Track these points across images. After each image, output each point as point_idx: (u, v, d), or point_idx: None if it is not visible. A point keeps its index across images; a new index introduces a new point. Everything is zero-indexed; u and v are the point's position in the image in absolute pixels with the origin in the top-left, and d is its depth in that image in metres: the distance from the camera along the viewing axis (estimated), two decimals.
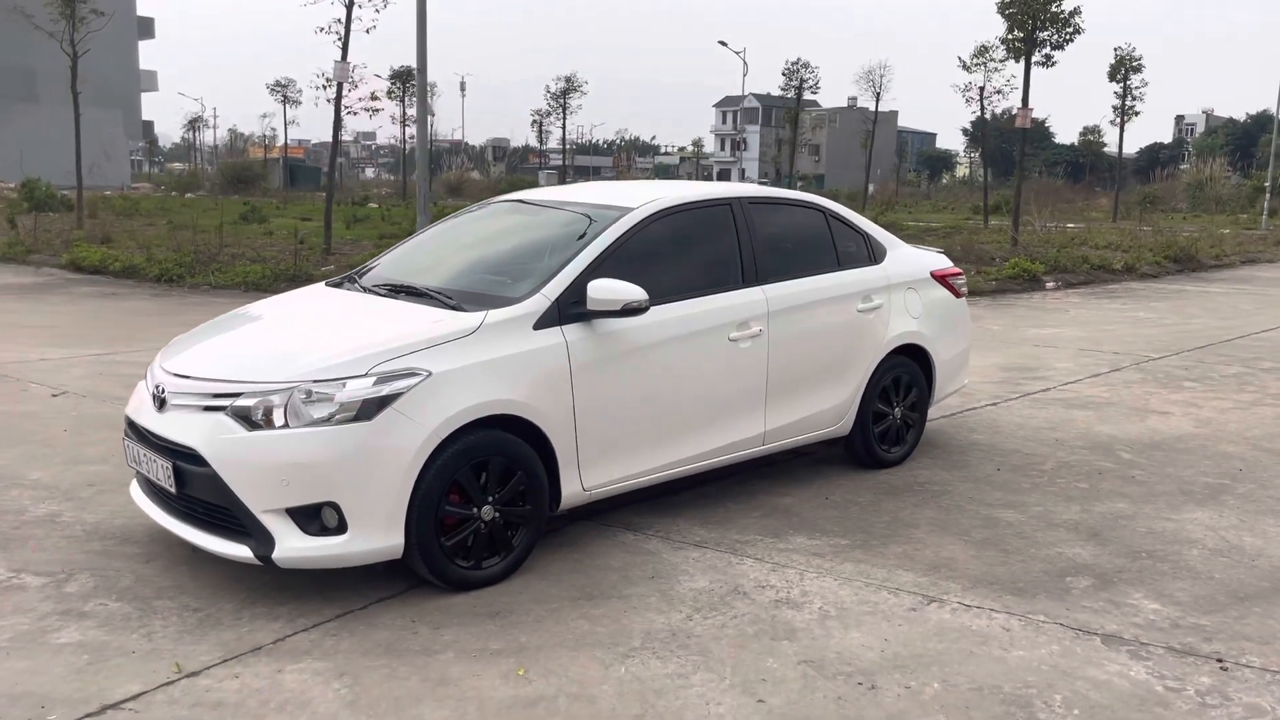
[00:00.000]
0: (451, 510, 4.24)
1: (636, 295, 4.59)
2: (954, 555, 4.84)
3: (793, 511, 5.43)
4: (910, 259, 6.38)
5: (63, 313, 12.52)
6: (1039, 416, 7.67)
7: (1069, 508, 5.55)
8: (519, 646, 3.88)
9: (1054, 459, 6.50)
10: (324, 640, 3.89)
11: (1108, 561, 4.79)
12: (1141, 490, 5.89)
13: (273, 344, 4.55)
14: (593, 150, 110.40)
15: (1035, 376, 9.25)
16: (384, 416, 4.03)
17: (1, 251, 19.22)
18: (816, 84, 37.61)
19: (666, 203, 5.23)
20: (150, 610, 4.12)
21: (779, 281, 5.48)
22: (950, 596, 4.37)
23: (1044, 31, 21.23)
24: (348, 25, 19.50)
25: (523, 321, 4.50)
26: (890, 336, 6.03)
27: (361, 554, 4.07)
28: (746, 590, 4.41)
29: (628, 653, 3.83)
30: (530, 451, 4.46)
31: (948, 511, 5.46)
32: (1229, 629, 4.09)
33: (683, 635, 3.99)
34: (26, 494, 5.45)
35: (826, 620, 4.13)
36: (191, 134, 78.59)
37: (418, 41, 15.36)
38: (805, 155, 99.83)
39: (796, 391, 5.56)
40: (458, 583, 4.30)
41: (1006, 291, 16.46)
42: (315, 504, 4.00)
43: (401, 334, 4.32)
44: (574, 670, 3.69)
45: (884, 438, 6.18)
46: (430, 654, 3.80)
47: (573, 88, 42.95)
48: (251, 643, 3.86)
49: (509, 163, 78.09)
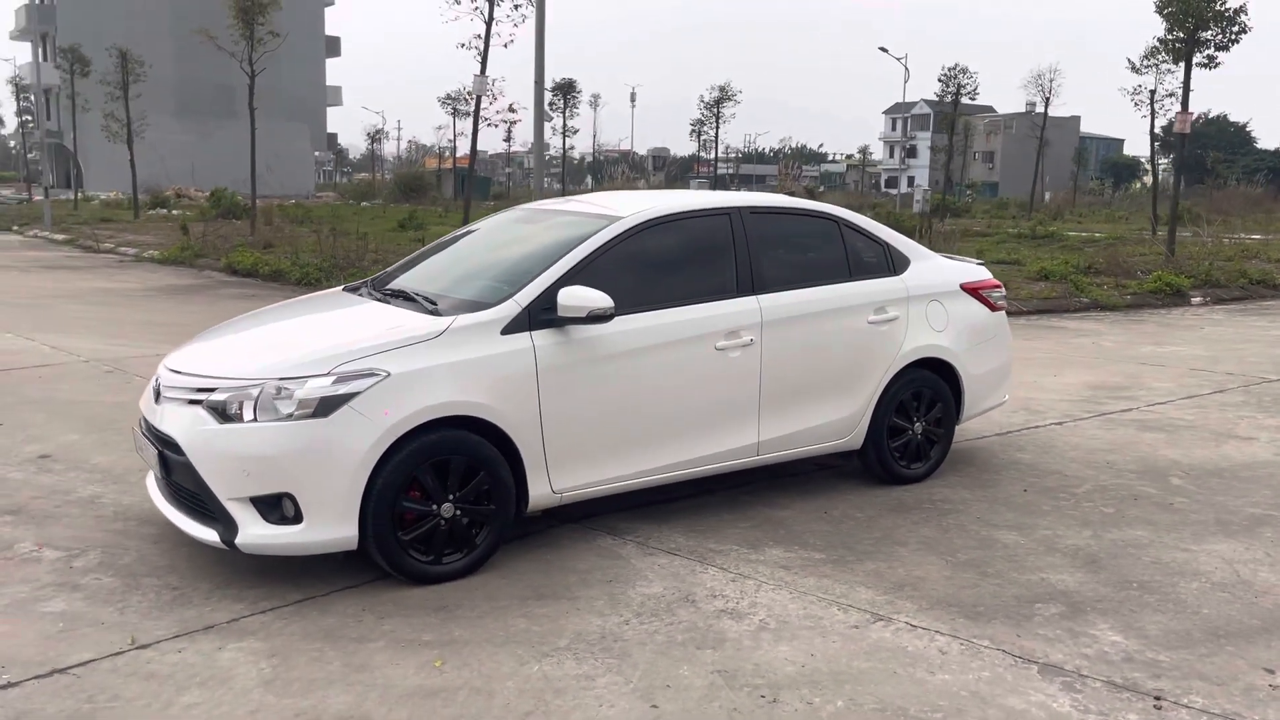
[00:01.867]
0: (410, 506, 4.43)
1: (601, 303, 4.67)
2: (927, 575, 4.71)
3: (784, 523, 5.38)
4: (937, 270, 6.21)
5: (200, 313, 13.47)
6: (1102, 438, 7.30)
7: (1080, 533, 5.30)
8: (449, 640, 4.02)
9: (1093, 482, 6.19)
10: (274, 623, 4.15)
11: (1091, 590, 4.56)
12: (1172, 518, 5.56)
13: (258, 343, 4.86)
14: (758, 159, 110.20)
15: (1123, 396, 8.78)
16: (340, 414, 4.26)
17: (174, 255, 20.84)
18: (975, 90, 36.37)
19: (656, 212, 5.29)
20: (135, 586, 4.47)
21: (778, 291, 5.45)
22: (900, 616, 4.26)
23: (1206, 31, 19.95)
24: (486, 41, 20.27)
25: (490, 327, 4.65)
26: (908, 349, 5.89)
27: (317, 543, 4.31)
28: (696, 599, 4.43)
29: (549, 652, 3.93)
30: (494, 453, 4.60)
31: (946, 531, 5.31)
32: (1186, 667, 3.85)
33: (611, 639, 4.05)
34: (82, 476, 5.97)
35: (762, 632, 4.11)
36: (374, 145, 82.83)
37: (536, 57, 15.82)
38: (979, 162, 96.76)
39: (795, 402, 5.51)
40: (416, 576, 4.48)
41: (1143, 306, 15.60)
42: (275, 494, 4.26)
43: (370, 336, 4.55)
44: (488, 666, 3.81)
45: (903, 453, 6.03)
46: (363, 641, 4.00)
47: (726, 97, 43.02)
48: (208, 621, 4.14)
49: (668, 172, 78.77)
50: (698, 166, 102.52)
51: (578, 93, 51.81)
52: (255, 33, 28.01)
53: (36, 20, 58.27)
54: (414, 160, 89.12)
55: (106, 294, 15.29)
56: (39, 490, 5.69)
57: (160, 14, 57.59)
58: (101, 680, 3.65)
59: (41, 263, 20.34)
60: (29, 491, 5.67)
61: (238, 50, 27.77)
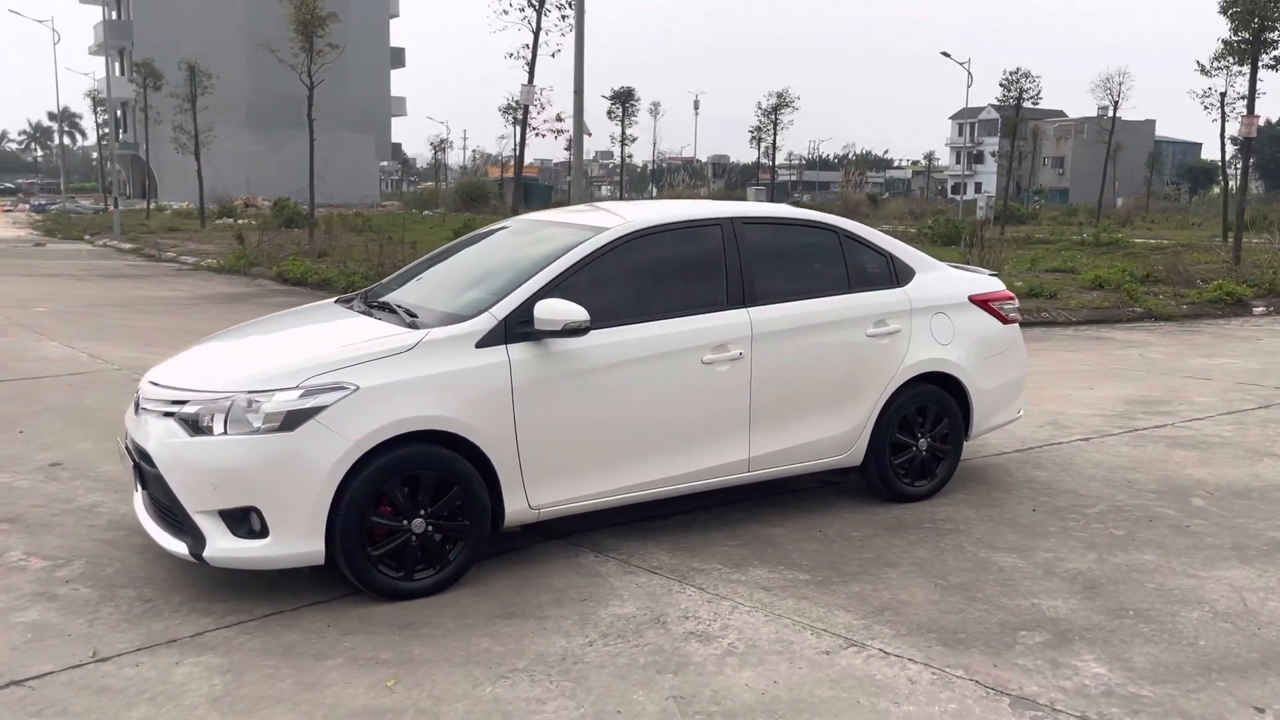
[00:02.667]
0: (380, 521, 4.39)
1: (577, 315, 4.59)
2: (912, 599, 4.54)
3: (774, 542, 5.25)
4: (943, 282, 6.02)
5: (241, 320, 13.66)
6: (1128, 455, 7.02)
7: (1083, 556, 5.08)
8: (408, 659, 3.97)
9: (1108, 502, 5.95)
10: (237, 638, 4.13)
11: (1083, 618, 4.35)
12: (1185, 542, 5.30)
13: (235, 355, 4.87)
14: (821, 165, 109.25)
15: (1159, 411, 8.46)
16: (306, 427, 4.23)
17: (229, 264, 21.25)
18: (1038, 94, 35.60)
19: (642, 224, 5.20)
20: (110, 598, 4.49)
21: (771, 304, 5.32)
22: (875, 642, 4.11)
23: (1273, 31, 19.25)
24: (534, 50, 20.37)
25: (464, 340, 4.60)
26: (910, 363, 5.72)
27: (282, 558, 4.29)
28: (668, 620, 4.32)
29: (506, 673, 3.85)
30: (468, 468, 4.54)
31: (941, 552, 5.12)
32: (1169, 703, 3.64)
33: (572, 660, 3.96)
34: (85, 485, 6.05)
35: (728, 657, 3.99)
36: (438, 155, 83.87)
37: (575, 67, 15.83)
38: (1049, 168, 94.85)
39: (789, 417, 5.37)
40: (386, 592, 4.44)
41: (1200, 316, 15.08)
42: (242, 508, 4.25)
43: (343, 349, 4.52)
44: (441, 686, 3.75)
45: (907, 470, 5.85)
46: (321, 658, 3.96)
47: (784, 103, 42.73)
48: (173, 635, 4.14)
49: (728, 179, 78.55)
50: (760, 173, 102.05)
51: (636, 100, 51.98)
52: (314, 45, 28.56)
53: (114, 36, 60.00)
54: (478, 169, 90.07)
55: (156, 302, 15.62)
56: (40, 499, 5.77)
57: (233, 28, 58.91)
58: (54, 693, 3.66)
59: (102, 271, 20.88)
60: (30, 500, 5.75)
61: (298, 63, 28.32)
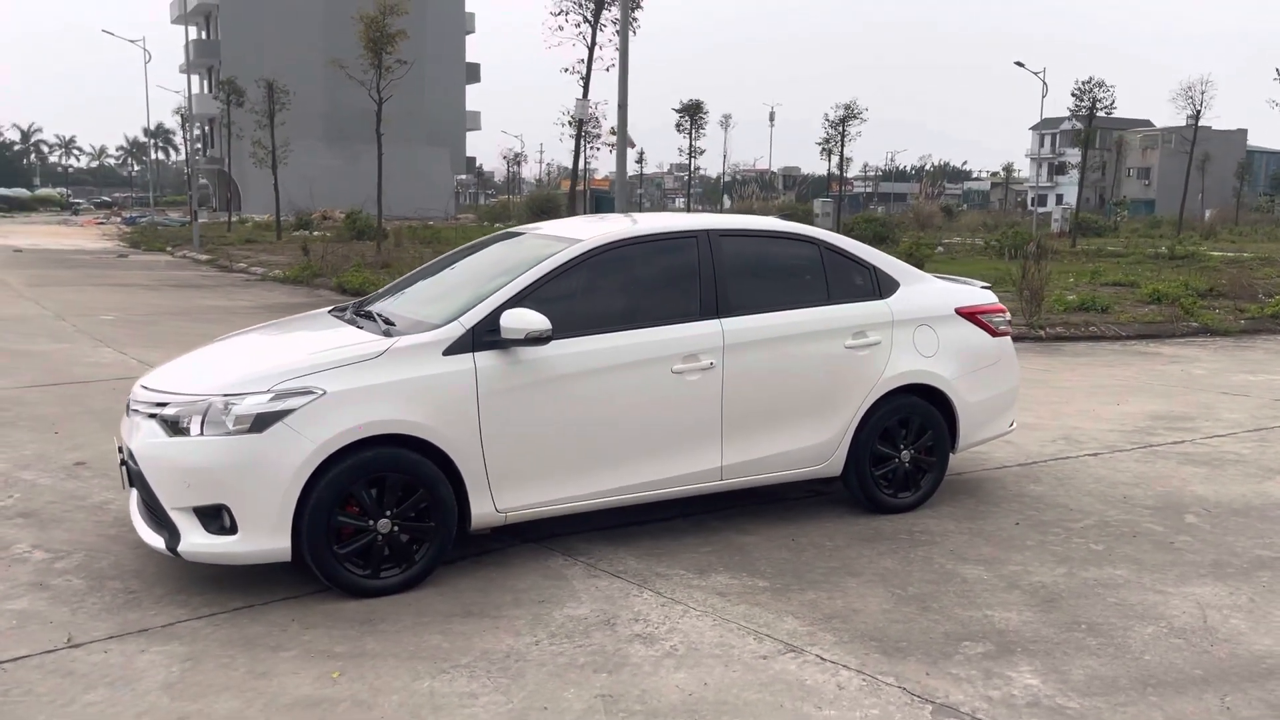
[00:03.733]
0: (346, 521, 4.58)
1: (538, 325, 4.74)
2: (864, 607, 4.58)
3: (745, 549, 5.31)
4: (928, 294, 6.02)
5: None
6: (1133, 471, 6.92)
7: (1052, 570, 5.05)
8: (360, 653, 4.13)
9: (1097, 517, 5.88)
10: (205, 629, 4.34)
11: (1031, 630, 4.35)
12: (1163, 558, 5.24)
13: (220, 360, 5.10)
14: (897, 176, 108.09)
15: (1181, 427, 8.29)
16: (275, 429, 4.44)
17: (294, 274, 21.89)
18: (1112, 104, 34.82)
19: (616, 236, 5.32)
20: (99, 588, 4.75)
21: (745, 315, 5.40)
22: (815, 648, 4.16)
23: None
24: (589, 65, 20.66)
25: (432, 347, 4.77)
26: (891, 375, 5.74)
27: (250, 554, 4.50)
28: (618, 622, 4.42)
29: (448, 669, 3.99)
30: (435, 471, 4.71)
31: (909, 563, 5.14)
32: (1094, 716, 3.64)
33: (515, 658, 4.09)
34: (102, 483, 6.36)
35: (666, 659, 4.08)
36: (512, 169, 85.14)
37: (619, 83, 16.01)
38: (1133, 179, 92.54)
39: (763, 427, 5.44)
40: (352, 589, 4.62)
41: (1260, 332, 14.65)
42: (214, 505, 4.47)
43: (317, 355, 4.72)
44: (383, 680, 3.90)
45: (889, 482, 5.86)
46: (278, 650, 4.15)
47: (852, 114, 42.46)
48: (146, 624, 4.37)
49: (799, 191, 78.24)
50: (834, 185, 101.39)
51: (705, 114, 52.07)
52: (384, 61, 29.31)
53: (202, 55, 62.16)
54: (552, 182, 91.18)
55: (216, 311, 16.18)
56: (58, 495, 6.09)
57: (314, 46, 60.53)
58: (24, 676, 3.90)
59: (173, 281, 21.67)
60: (49, 496, 6.07)
61: (367, 79, 29.08)
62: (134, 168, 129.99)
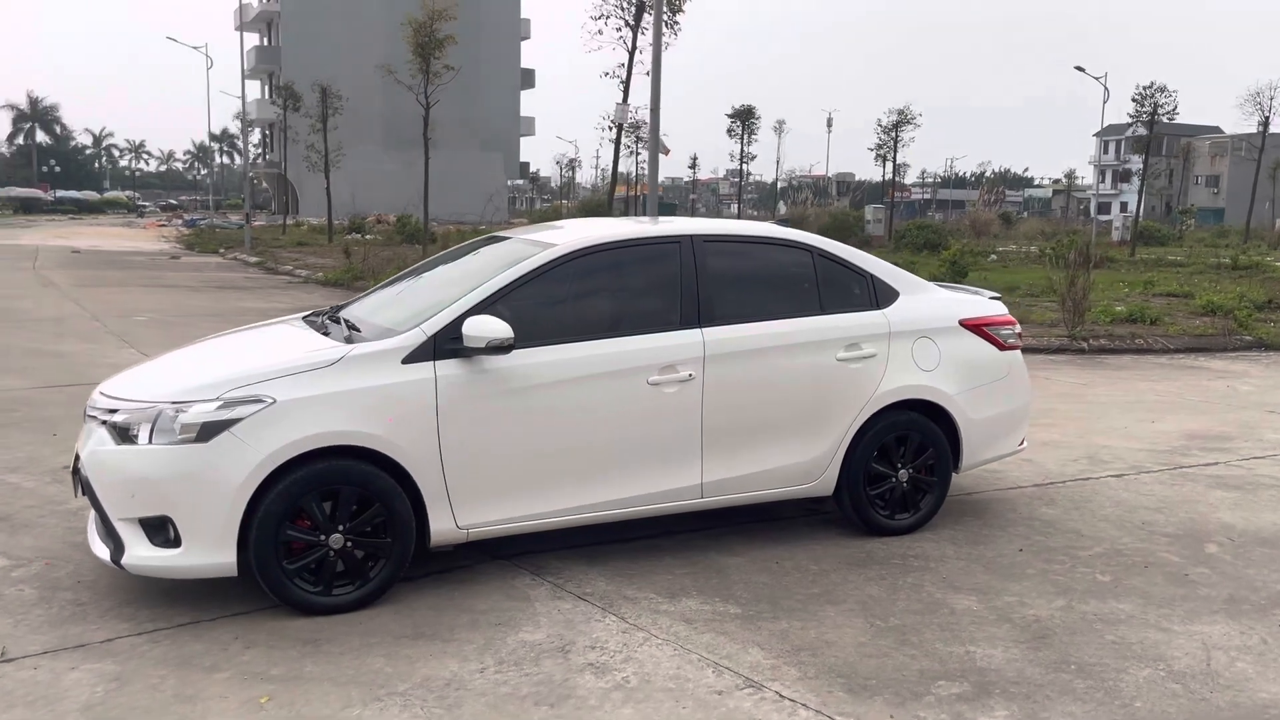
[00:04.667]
0: (297, 535, 4.39)
1: (500, 333, 4.52)
2: (839, 639, 4.28)
3: (725, 571, 5.04)
4: (931, 305, 5.70)
5: None
6: (1158, 494, 6.51)
7: (1051, 602, 4.71)
8: (296, 676, 3.94)
9: (1107, 545, 5.52)
10: (143, 645, 4.17)
11: (1015, 670, 4.02)
12: (1174, 591, 4.86)
13: (177, 368, 4.94)
14: (956, 183, 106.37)
15: (1217, 448, 7.83)
16: (221, 439, 4.27)
17: (335, 277, 22.00)
18: (1174, 110, 33.76)
19: (591, 241, 5.09)
20: (49, 600, 4.62)
21: (729, 324, 5.13)
22: (776, 684, 3.88)
23: None
24: (629, 69, 20.45)
25: (390, 355, 4.57)
26: (886, 389, 5.42)
27: (195, 568, 4.33)
28: (573, 650, 4.18)
29: (384, 696, 3.78)
30: (391, 484, 4.51)
31: (895, 590, 4.82)
32: None
33: (456, 686, 3.87)
34: None
35: (615, 692, 3.83)
36: (567, 173, 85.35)
37: (652, 88, 15.80)
38: (1202, 187, 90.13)
39: (746, 443, 5.16)
40: (302, 606, 4.43)
41: None
42: (158, 516, 4.30)
43: (269, 362, 4.55)
44: (312, 707, 3.70)
45: (886, 502, 5.55)
46: (212, 671, 3.97)
47: (905, 120, 41.76)
48: (85, 639, 4.22)
49: (853, 197, 77.24)
50: (893, 192, 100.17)
51: (757, 119, 51.65)
52: (431, 67, 29.43)
53: (264, 61, 63.13)
54: (606, 188, 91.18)
55: (251, 314, 16.19)
56: (37, 500, 6.00)
57: (373, 51, 61.07)
58: None
59: (217, 283, 21.87)
60: (28, 500, 5.99)
61: (415, 84, 29.21)
62: (200, 171, 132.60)
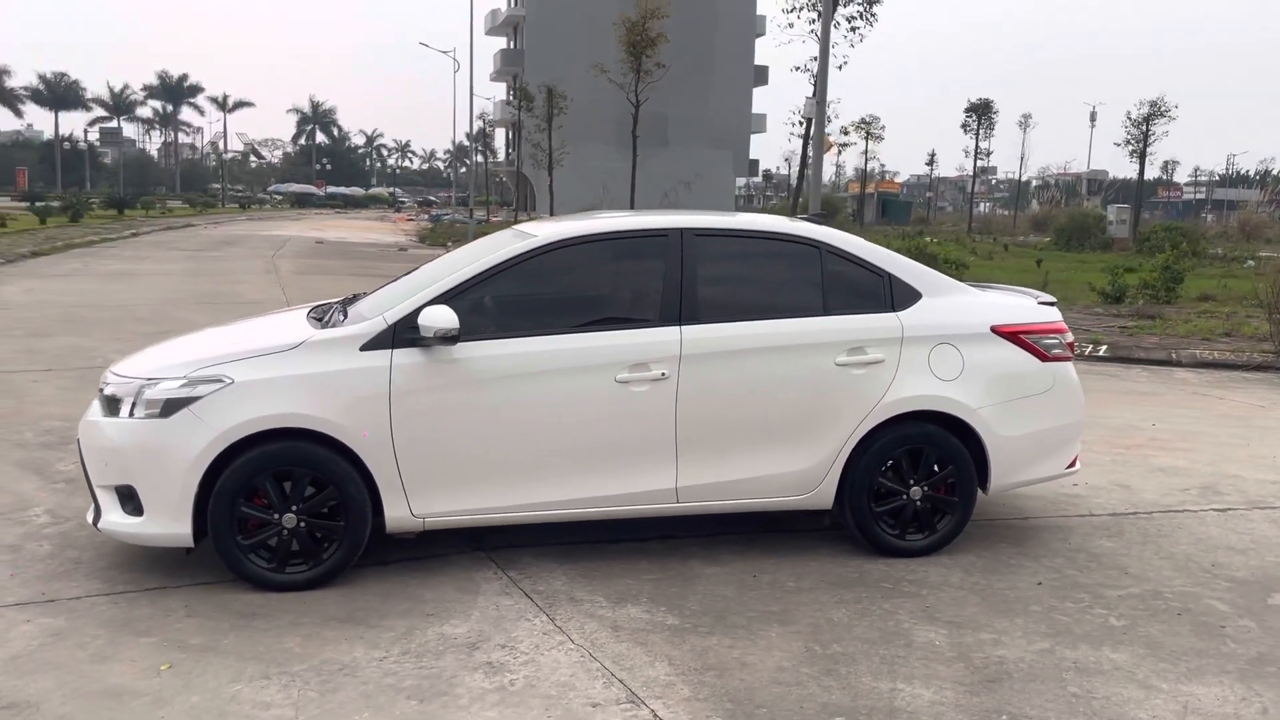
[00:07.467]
0: (252, 513, 4.54)
1: (448, 323, 4.50)
2: (757, 662, 3.97)
3: (692, 581, 4.80)
4: (958, 309, 5.18)
5: None
6: (1256, 535, 5.67)
7: (1029, 644, 4.18)
8: (209, 648, 4.06)
9: (1148, 586, 4.85)
10: (99, 606, 4.42)
11: (933, 715, 3.60)
12: (1189, 645, 4.21)
13: (176, 349, 5.19)
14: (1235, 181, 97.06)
15: None
16: (179, 415, 4.47)
17: None
18: None
19: (570, 234, 4.96)
20: (56, 556, 4.97)
21: (713, 322, 4.87)
22: (657, 702, 3.66)
23: None
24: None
25: (348, 342, 4.63)
26: (895, 398, 4.99)
27: (154, 536, 4.56)
28: (483, 647, 4.10)
29: (272, 675, 3.84)
30: (345, 469, 4.58)
31: (861, 616, 4.43)
32: None
33: (346, 672, 3.88)
34: None
35: (491, 694, 3.74)
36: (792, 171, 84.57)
37: (819, 82, 15.28)
38: None
39: (728, 448, 4.89)
40: (256, 580, 4.58)
41: None
42: (127, 485, 4.56)
43: (244, 346, 4.73)
44: (204, 679, 3.81)
45: (895, 521, 5.11)
46: (141, 635, 4.15)
47: (1158, 112, 38.49)
48: (55, 594, 4.53)
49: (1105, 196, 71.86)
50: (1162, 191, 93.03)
51: (994, 113, 49.17)
52: (643, 65, 29.89)
53: (509, 64, 66.07)
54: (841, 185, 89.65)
55: None
56: None
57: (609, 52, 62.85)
58: None
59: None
60: None
61: (625, 82, 29.75)
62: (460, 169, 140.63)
